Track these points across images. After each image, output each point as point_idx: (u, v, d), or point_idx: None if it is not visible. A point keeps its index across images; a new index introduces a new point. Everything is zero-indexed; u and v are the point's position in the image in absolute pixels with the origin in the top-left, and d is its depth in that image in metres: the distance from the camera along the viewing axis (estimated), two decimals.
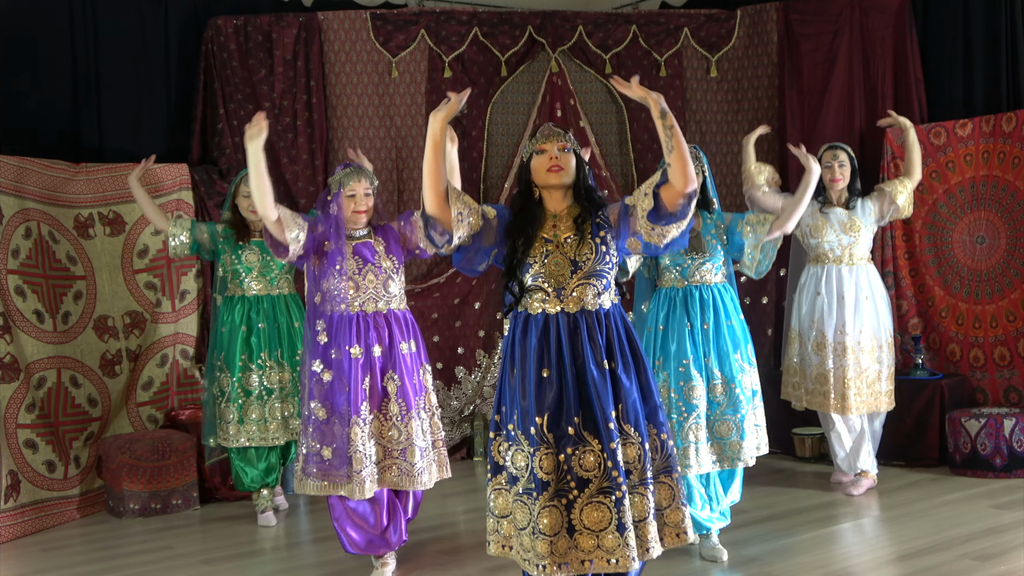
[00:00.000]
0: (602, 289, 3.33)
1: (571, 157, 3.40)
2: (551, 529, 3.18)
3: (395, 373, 4.30)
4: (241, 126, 6.78)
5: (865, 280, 5.73)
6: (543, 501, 3.18)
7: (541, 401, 3.23)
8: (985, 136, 6.36)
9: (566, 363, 3.25)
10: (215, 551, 5.10)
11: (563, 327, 3.28)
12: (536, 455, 3.20)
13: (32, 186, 5.85)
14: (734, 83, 7.52)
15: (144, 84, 6.62)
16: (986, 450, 5.86)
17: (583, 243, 3.31)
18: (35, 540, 5.41)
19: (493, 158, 7.41)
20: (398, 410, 4.27)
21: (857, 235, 5.69)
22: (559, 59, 7.39)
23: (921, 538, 4.78)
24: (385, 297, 4.36)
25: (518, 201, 3.46)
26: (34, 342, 5.72)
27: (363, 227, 4.45)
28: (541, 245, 3.33)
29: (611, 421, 3.21)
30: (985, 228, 6.40)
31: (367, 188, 4.41)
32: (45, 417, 5.73)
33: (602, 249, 3.31)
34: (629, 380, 3.28)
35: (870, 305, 5.70)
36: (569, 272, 3.29)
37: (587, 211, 3.35)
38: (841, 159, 5.73)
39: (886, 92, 6.90)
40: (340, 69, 7.16)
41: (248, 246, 5.57)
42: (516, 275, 3.34)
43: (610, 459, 3.19)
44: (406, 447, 4.27)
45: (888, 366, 5.76)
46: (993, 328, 6.35)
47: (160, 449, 5.84)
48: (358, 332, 4.28)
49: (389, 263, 4.40)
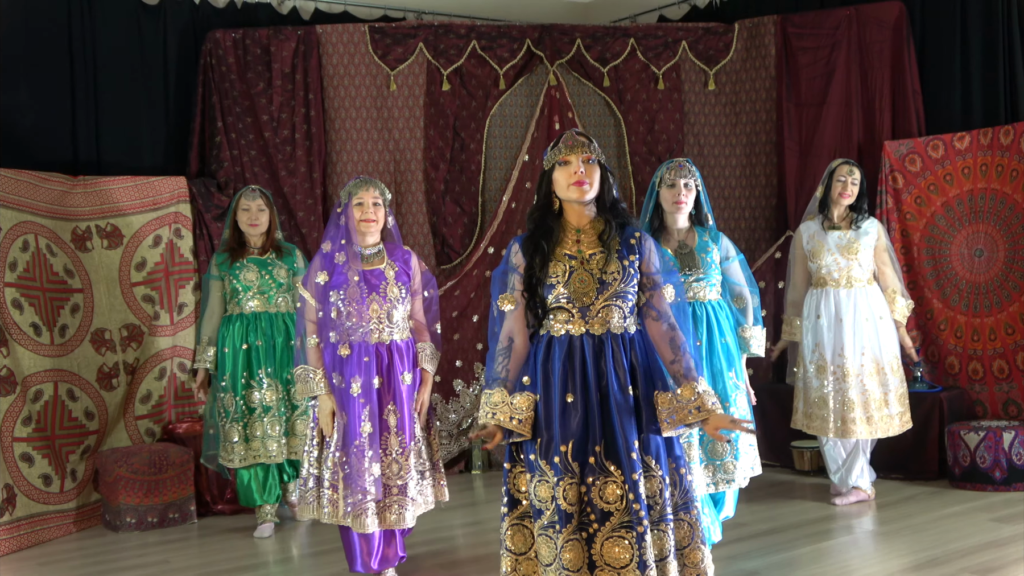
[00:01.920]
0: (627, 312, 3.14)
1: (596, 169, 3.20)
2: (574, 564, 3.01)
3: (395, 405, 4.24)
4: (239, 139, 6.81)
5: (864, 302, 5.68)
6: (566, 534, 3.02)
7: (566, 428, 3.06)
8: (983, 149, 6.37)
9: (591, 388, 3.07)
10: (213, 565, 5.08)
11: (588, 350, 3.09)
12: (560, 485, 3.03)
13: (30, 199, 5.85)
14: (732, 96, 7.53)
15: (142, 97, 6.62)
16: (985, 463, 5.85)
17: (610, 261, 3.12)
18: (31, 554, 5.39)
19: (491, 171, 7.41)
20: (398, 444, 4.23)
21: (855, 257, 5.67)
22: (557, 72, 7.40)
23: (920, 552, 4.76)
24: (388, 328, 4.30)
25: (536, 214, 3.25)
26: (31, 355, 5.71)
27: (374, 245, 4.39)
28: (564, 262, 3.15)
29: (633, 451, 3.04)
30: (983, 241, 6.40)
31: (376, 198, 4.35)
32: (42, 431, 5.71)
33: (629, 271, 3.13)
34: (652, 409, 3.11)
35: (870, 328, 5.65)
36: (595, 291, 3.11)
37: (612, 226, 3.17)
38: (855, 177, 5.70)
39: (884, 105, 6.91)
40: (339, 82, 7.17)
41: (245, 264, 5.57)
42: (538, 294, 3.16)
43: (632, 491, 3.02)
44: (406, 482, 4.24)
45: (896, 389, 5.67)
46: (992, 341, 6.34)
47: (157, 462, 5.82)
48: (360, 367, 4.24)
49: (396, 291, 4.33)
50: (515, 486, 3.19)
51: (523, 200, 7.33)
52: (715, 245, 4.55)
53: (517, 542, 3.18)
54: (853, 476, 5.73)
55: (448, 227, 7.35)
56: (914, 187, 6.65)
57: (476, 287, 7.26)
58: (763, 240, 7.37)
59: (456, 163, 7.36)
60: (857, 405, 5.59)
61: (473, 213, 7.38)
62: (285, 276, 5.63)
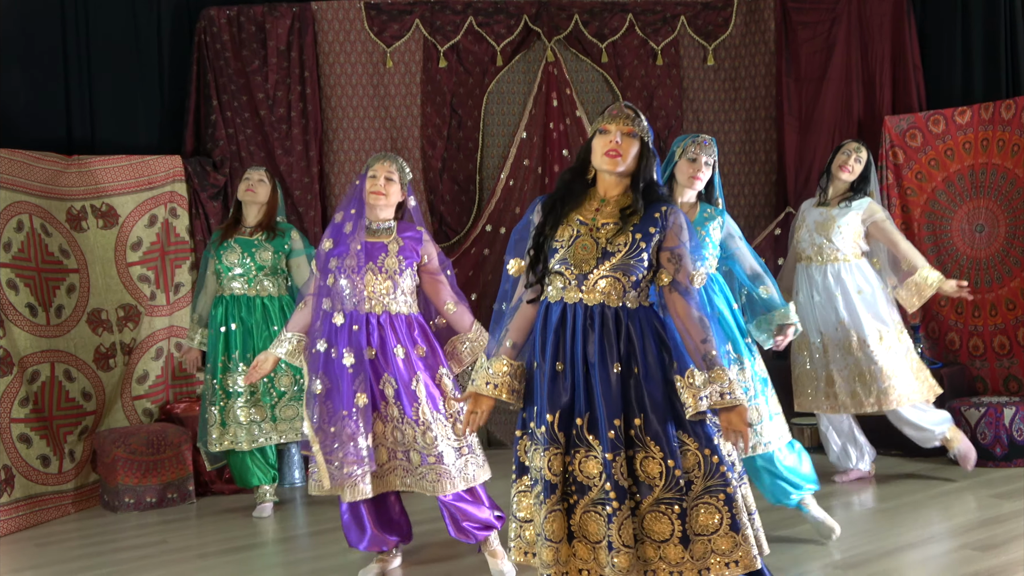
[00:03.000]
0: (628, 286, 3.01)
1: (634, 144, 3.08)
2: (556, 535, 3.00)
3: (391, 376, 4.19)
4: (235, 118, 6.76)
5: (842, 277, 5.53)
6: (550, 505, 3.00)
7: (554, 397, 3.01)
8: (984, 123, 6.32)
9: (577, 359, 3.01)
10: (211, 545, 5.07)
11: (579, 319, 3.02)
12: (545, 455, 3.00)
13: (24, 179, 5.81)
14: (731, 71, 7.47)
15: (137, 76, 6.57)
16: (986, 439, 5.83)
17: (621, 233, 3.02)
18: (30, 535, 5.38)
19: (489, 148, 7.37)
20: (398, 413, 4.19)
21: (827, 234, 5.54)
22: (555, 48, 7.34)
23: (921, 528, 4.75)
24: (383, 299, 4.22)
25: (567, 176, 3.19)
26: (27, 336, 5.68)
27: (385, 220, 4.32)
28: (573, 227, 3.07)
29: (612, 430, 2.94)
30: (984, 216, 6.37)
31: (389, 172, 4.27)
32: (39, 411, 5.69)
33: (640, 245, 3.01)
34: (657, 390, 2.98)
35: (845, 303, 5.50)
36: (595, 260, 3.01)
37: (638, 203, 3.06)
38: (861, 155, 5.56)
39: (884, 80, 6.87)
40: (334, 60, 7.12)
41: (231, 244, 5.52)
42: (542, 254, 3.09)
43: (605, 469, 2.95)
44: (409, 449, 4.18)
45: (885, 363, 5.43)
46: (993, 317, 6.32)
47: (155, 443, 5.81)
48: (349, 336, 4.20)
49: (394, 263, 4.24)
50: (524, 452, 3.17)
51: (521, 178, 7.29)
52: (717, 221, 4.43)
53: (524, 507, 3.17)
54: (852, 458, 5.71)
55: (446, 205, 7.31)
56: (915, 162, 6.61)
57: (474, 265, 7.23)
58: (762, 217, 7.33)
59: (453, 141, 7.32)
60: (839, 380, 5.50)
61: (471, 191, 7.34)
62: (269, 259, 5.51)
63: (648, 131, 3.12)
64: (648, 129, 3.13)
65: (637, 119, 3.09)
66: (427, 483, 4.15)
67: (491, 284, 7.25)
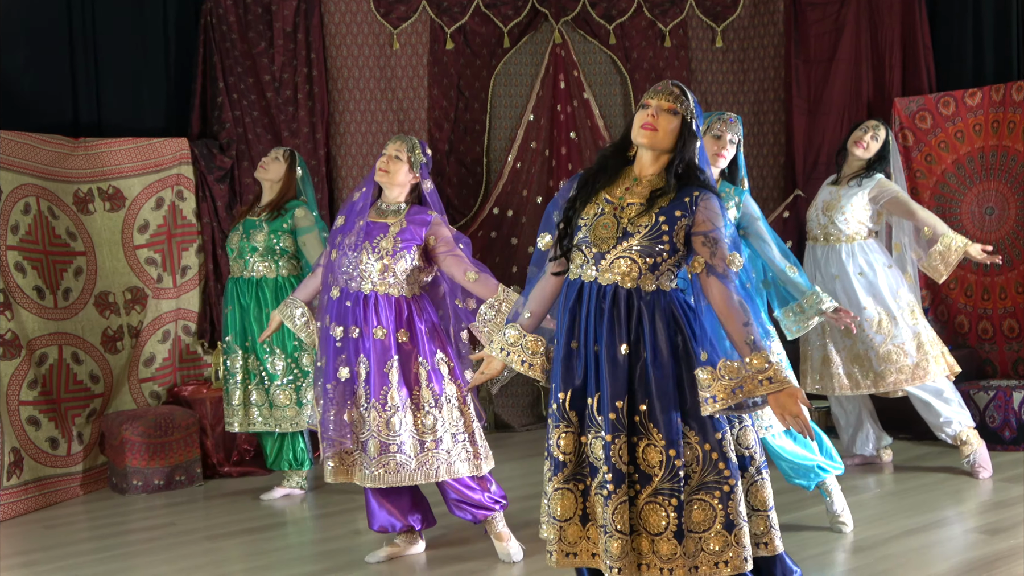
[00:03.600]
0: (645, 269, 2.92)
1: (673, 120, 2.97)
2: (562, 515, 2.98)
3: (365, 357, 4.15)
4: (241, 100, 6.74)
5: (840, 259, 5.48)
6: (556, 483, 2.98)
7: (567, 375, 2.97)
8: (995, 105, 6.28)
9: (590, 338, 2.96)
10: (219, 527, 5.09)
11: (593, 298, 2.95)
12: (555, 432, 2.98)
13: (30, 161, 5.80)
14: (739, 53, 7.43)
15: (143, 58, 6.55)
16: (995, 423, 5.82)
17: (644, 214, 2.93)
18: (38, 517, 5.39)
19: (496, 131, 7.34)
20: (364, 396, 4.16)
21: (831, 214, 5.49)
22: (562, 30, 7.31)
23: (929, 512, 4.74)
24: (371, 279, 4.17)
25: (608, 151, 3.12)
26: (35, 318, 5.68)
27: (395, 200, 4.27)
28: (599, 204, 3.01)
29: (613, 412, 2.90)
30: (994, 199, 6.33)
31: (397, 150, 4.23)
32: (47, 394, 5.70)
33: (662, 228, 2.91)
34: (665, 376, 2.90)
35: (844, 285, 5.44)
36: (615, 239, 2.93)
37: (670, 185, 2.97)
38: (879, 133, 5.48)
39: (894, 61, 6.82)
40: (341, 41, 7.09)
41: (237, 226, 5.57)
42: (570, 228, 3.04)
43: (604, 452, 2.91)
44: (368, 439, 4.13)
45: (882, 347, 5.37)
46: (1002, 300, 6.29)
47: (163, 425, 5.82)
48: (340, 311, 4.18)
49: (389, 244, 4.18)
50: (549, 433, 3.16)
51: (528, 160, 7.26)
52: (733, 201, 4.35)
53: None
54: (857, 443, 5.70)
55: (453, 188, 7.29)
56: (924, 144, 6.57)
57: (481, 249, 7.21)
58: (771, 199, 7.31)
59: (460, 123, 7.29)
60: (836, 361, 5.45)
61: (478, 174, 7.32)
62: (262, 240, 5.44)
63: (694, 112, 3.00)
64: (695, 110, 3.01)
65: (681, 97, 2.99)
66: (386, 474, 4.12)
67: (498, 267, 7.23)
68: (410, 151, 4.26)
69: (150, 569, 4.46)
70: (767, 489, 2.98)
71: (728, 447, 2.92)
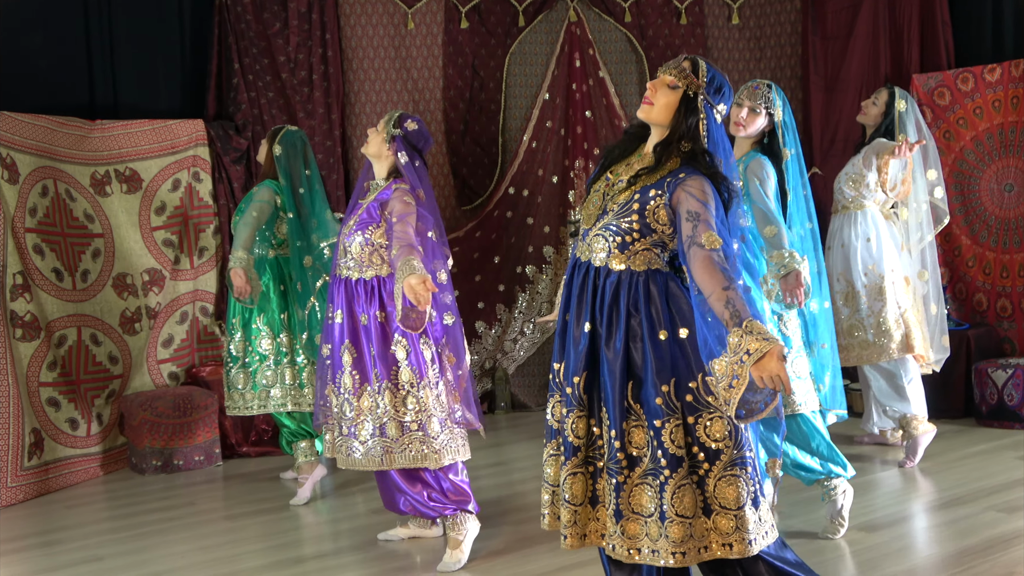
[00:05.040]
0: (614, 248, 2.83)
1: (672, 95, 2.87)
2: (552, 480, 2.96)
3: (351, 343, 4.12)
4: (257, 81, 6.75)
5: (841, 229, 5.43)
6: (546, 452, 2.97)
7: (563, 348, 2.95)
8: (1014, 81, 6.22)
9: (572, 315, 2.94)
10: (238, 507, 5.12)
11: (578, 276, 2.92)
12: (550, 401, 2.97)
13: (48, 144, 5.82)
14: (756, 30, 7.38)
15: (158, 40, 6.56)
16: (1013, 401, 5.79)
17: (626, 191, 2.86)
18: (59, 497, 5.45)
19: (511, 110, 7.32)
20: (351, 384, 4.12)
21: (838, 184, 5.48)
22: (578, 8, 7.27)
23: (947, 490, 4.73)
24: (347, 262, 4.13)
25: (632, 125, 3.05)
26: (54, 300, 5.72)
27: (381, 179, 4.21)
28: (601, 182, 2.96)
29: (570, 387, 2.88)
30: (1014, 175, 6.27)
31: (374, 126, 4.21)
32: (67, 375, 5.74)
33: (633, 207, 2.81)
34: (615, 358, 2.81)
35: (842, 255, 5.39)
36: (596, 216, 2.89)
37: (660, 161, 2.87)
38: (879, 98, 5.48)
39: (912, 37, 6.76)
40: (355, 21, 7.08)
41: None
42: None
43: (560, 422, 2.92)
44: (354, 423, 4.11)
45: (870, 315, 5.28)
46: (1021, 277, 6.25)
47: (182, 406, 5.86)
48: (334, 293, 4.17)
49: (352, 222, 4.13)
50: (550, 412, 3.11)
51: (543, 139, 7.24)
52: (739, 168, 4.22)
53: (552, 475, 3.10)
54: (864, 422, 5.68)
55: (468, 168, 7.28)
56: (943, 121, 6.52)
57: (498, 228, 7.21)
58: None
59: (475, 103, 7.28)
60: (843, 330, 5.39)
61: (493, 153, 7.30)
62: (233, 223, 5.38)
63: (704, 88, 2.86)
64: (705, 87, 2.87)
65: (687, 71, 2.87)
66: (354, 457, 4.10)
67: (514, 247, 7.23)
68: (386, 123, 4.17)
69: (168, 548, 4.50)
70: (741, 487, 2.76)
71: (667, 437, 2.77)
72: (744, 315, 2.57)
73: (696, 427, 2.78)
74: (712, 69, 2.92)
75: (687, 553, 2.77)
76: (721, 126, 2.92)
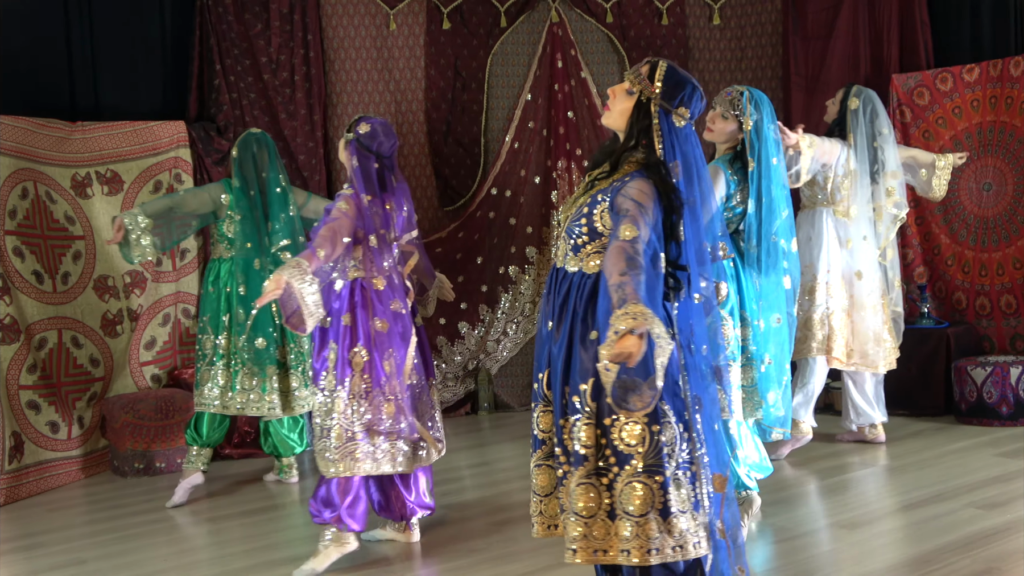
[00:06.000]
0: (569, 251, 2.87)
1: (626, 101, 2.90)
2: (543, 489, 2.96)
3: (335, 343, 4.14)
4: (238, 82, 6.73)
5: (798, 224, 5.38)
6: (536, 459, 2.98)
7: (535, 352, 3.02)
8: (992, 81, 6.27)
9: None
10: (221, 508, 5.11)
11: (551, 277, 2.96)
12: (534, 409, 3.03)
13: (28, 145, 5.80)
14: (737, 31, 7.41)
15: (139, 41, 6.54)
16: (992, 398, 5.84)
17: (582, 196, 2.90)
18: (40, 500, 5.42)
19: (494, 111, 7.33)
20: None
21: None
22: (559, 9, 7.29)
23: (926, 487, 4.76)
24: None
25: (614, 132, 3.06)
26: (34, 303, 5.70)
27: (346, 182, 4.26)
28: (580, 186, 2.98)
29: (536, 382, 2.92)
30: (992, 175, 6.32)
31: None
32: (47, 378, 5.72)
33: (583, 211, 2.85)
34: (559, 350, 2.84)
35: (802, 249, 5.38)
36: (562, 221, 2.95)
37: (614, 167, 2.89)
38: (836, 97, 5.57)
39: (892, 37, 6.80)
40: (337, 22, 7.07)
41: None
42: None
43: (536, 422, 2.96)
44: None
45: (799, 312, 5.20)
46: (1000, 276, 6.29)
47: (164, 408, 5.84)
48: None
49: None
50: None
51: (526, 140, 7.25)
52: None
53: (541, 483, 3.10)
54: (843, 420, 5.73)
55: (451, 168, 7.29)
56: (922, 121, 6.56)
57: (480, 228, 7.22)
58: None
59: (458, 104, 7.28)
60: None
61: (476, 154, 7.31)
62: None
63: (659, 92, 2.84)
64: (661, 91, 2.84)
65: (643, 76, 2.87)
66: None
67: (497, 248, 7.24)
68: (345, 129, 4.21)
69: (152, 551, 4.48)
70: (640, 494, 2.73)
71: (575, 434, 2.79)
72: (629, 299, 2.50)
73: (612, 429, 2.77)
74: (674, 72, 2.88)
75: (578, 551, 2.80)
76: (685, 131, 2.87)
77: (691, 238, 2.82)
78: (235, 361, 5.22)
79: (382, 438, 4.05)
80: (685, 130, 2.87)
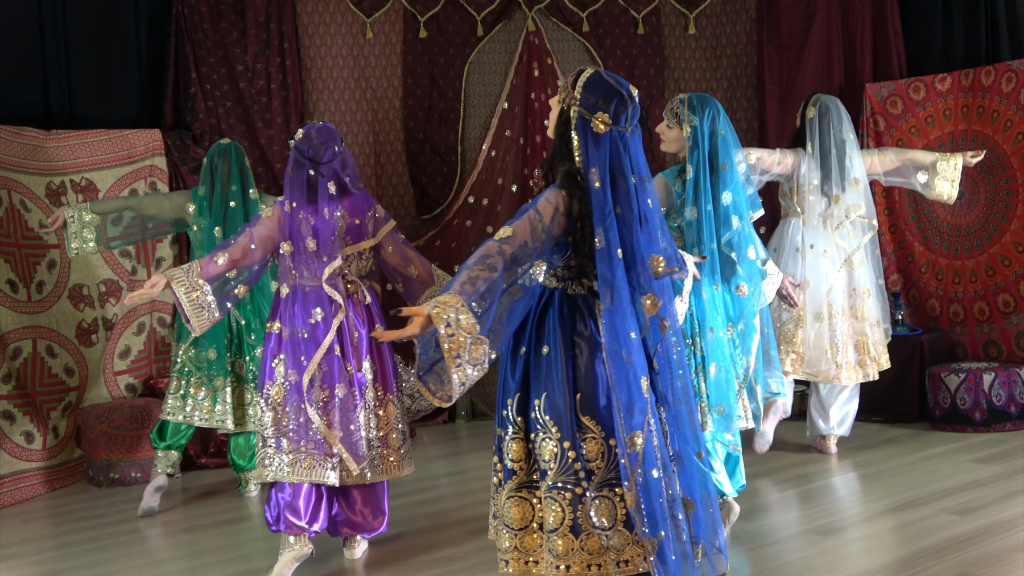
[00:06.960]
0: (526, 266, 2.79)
1: (555, 109, 2.87)
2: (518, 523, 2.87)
3: None
4: (214, 90, 6.72)
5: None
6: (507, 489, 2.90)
7: None
8: (964, 90, 6.33)
9: None
10: (197, 518, 5.09)
11: None
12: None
13: (2, 154, 5.76)
14: (712, 40, 7.46)
15: (114, 48, 6.51)
16: (965, 405, 5.88)
17: None
18: (15, 511, 5.38)
19: (471, 119, 7.34)
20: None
21: None
22: (536, 18, 7.31)
23: (901, 493, 4.79)
24: None
25: None
26: (8, 312, 5.66)
27: None
28: None
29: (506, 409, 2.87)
30: (965, 183, 6.37)
31: None
32: (22, 388, 5.68)
33: None
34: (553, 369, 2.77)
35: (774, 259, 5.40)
36: None
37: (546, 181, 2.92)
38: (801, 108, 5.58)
39: (865, 47, 6.86)
40: (314, 31, 7.07)
41: None
42: None
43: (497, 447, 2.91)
44: None
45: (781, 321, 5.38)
46: (972, 283, 6.35)
47: (139, 418, 5.81)
48: None
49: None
50: None
51: (503, 148, 7.27)
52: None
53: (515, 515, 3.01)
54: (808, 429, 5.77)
55: (428, 177, 7.29)
56: (895, 130, 6.62)
57: (457, 237, 7.22)
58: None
59: (435, 112, 7.29)
60: None
61: (452, 163, 7.31)
62: None
63: (577, 99, 2.75)
64: (581, 97, 2.75)
65: (566, 86, 2.80)
66: None
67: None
68: None
69: (128, 561, 4.46)
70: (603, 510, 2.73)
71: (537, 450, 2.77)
72: (447, 288, 2.55)
73: (583, 444, 2.75)
74: (597, 79, 2.78)
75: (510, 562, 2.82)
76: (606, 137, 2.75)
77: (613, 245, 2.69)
78: (187, 370, 5.22)
79: (302, 449, 4.03)
80: (607, 136, 2.74)
